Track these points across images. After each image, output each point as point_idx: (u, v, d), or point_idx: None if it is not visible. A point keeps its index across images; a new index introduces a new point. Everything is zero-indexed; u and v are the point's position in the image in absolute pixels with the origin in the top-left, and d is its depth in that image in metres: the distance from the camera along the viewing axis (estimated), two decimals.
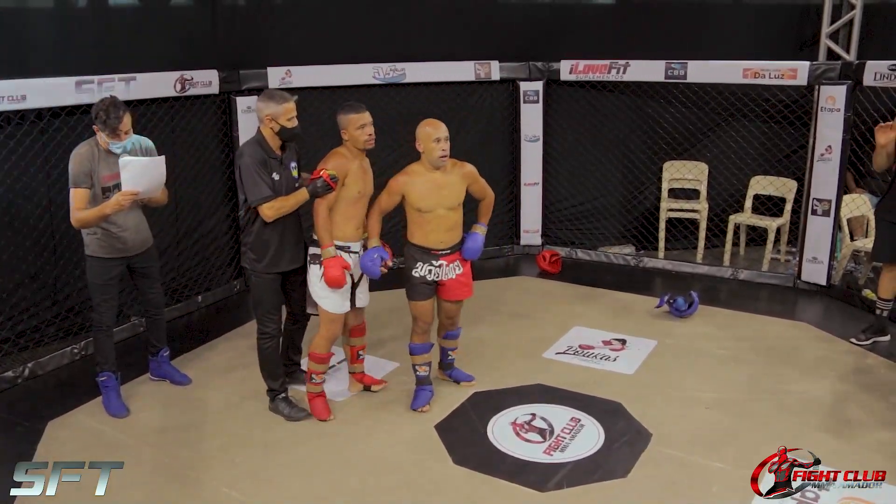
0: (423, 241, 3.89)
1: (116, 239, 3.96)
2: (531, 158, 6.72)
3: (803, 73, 5.59)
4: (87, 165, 3.79)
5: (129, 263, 4.11)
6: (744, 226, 6.63)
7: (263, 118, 3.70)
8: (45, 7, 4.95)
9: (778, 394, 4.20)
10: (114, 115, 3.73)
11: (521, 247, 6.94)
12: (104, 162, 3.83)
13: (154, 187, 3.84)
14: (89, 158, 3.80)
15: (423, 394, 4.11)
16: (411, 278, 3.94)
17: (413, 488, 3.40)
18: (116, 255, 4.00)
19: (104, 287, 4.01)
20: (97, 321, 4.07)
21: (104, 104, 3.76)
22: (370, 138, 3.76)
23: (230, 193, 5.94)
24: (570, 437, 3.77)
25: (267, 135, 3.73)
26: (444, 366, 4.40)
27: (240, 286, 6.06)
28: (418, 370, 4.11)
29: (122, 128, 3.78)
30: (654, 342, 4.90)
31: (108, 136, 3.78)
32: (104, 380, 4.10)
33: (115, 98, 3.85)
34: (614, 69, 6.28)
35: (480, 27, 6.47)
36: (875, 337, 4.83)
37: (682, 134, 6.52)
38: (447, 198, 3.85)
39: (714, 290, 5.94)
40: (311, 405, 4.02)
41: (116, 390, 4.13)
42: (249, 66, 5.80)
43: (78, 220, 3.79)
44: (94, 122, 3.79)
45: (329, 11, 6.12)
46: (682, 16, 6.53)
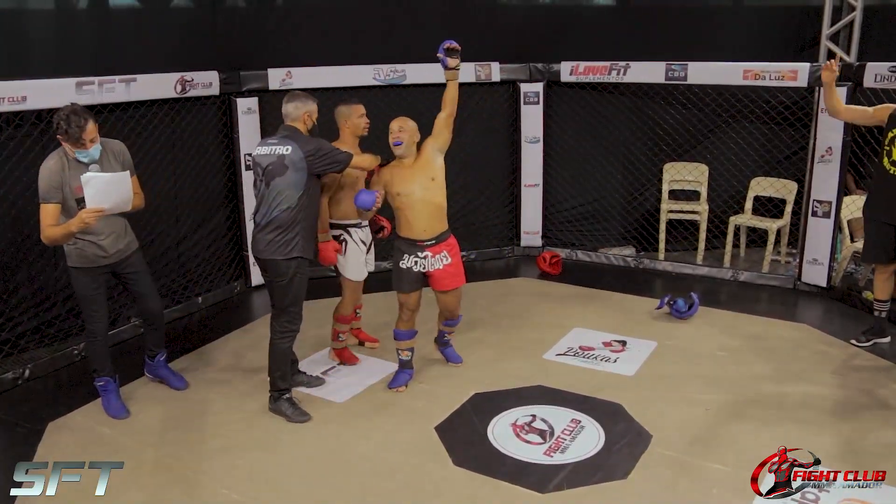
0: (408, 233, 4.10)
1: (96, 247, 3.83)
2: (531, 160, 6.73)
3: (804, 75, 5.59)
4: (57, 179, 3.63)
5: (113, 271, 4.00)
6: (744, 227, 6.63)
7: (301, 115, 3.98)
8: (45, 8, 4.96)
9: (778, 395, 4.20)
10: (75, 124, 3.56)
11: (522, 248, 6.94)
12: (74, 171, 3.64)
13: (121, 202, 3.65)
14: (58, 171, 3.64)
15: (401, 375, 4.37)
16: (398, 269, 4.19)
17: (413, 490, 3.40)
18: (98, 263, 3.88)
19: (91, 298, 3.92)
20: (89, 331, 4.01)
21: (64, 113, 3.57)
22: (367, 125, 4.41)
23: (230, 195, 5.94)
24: (571, 439, 3.77)
25: (301, 130, 4.01)
26: (441, 342, 4.67)
27: (240, 287, 6.06)
28: (401, 354, 4.36)
29: (86, 136, 3.61)
30: (655, 343, 4.90)
31: (73, 146, 3.61)
32: (102, 384, 4.09)
33: (77, 105, 3.65)
34: (614, 70, 6.28)
35: (481, 28, 6.48)
36: (875, 338, 4.82)
37: (682, 135, 6.52)
38: (422, 171, 4.06)
39: (714, 292, 5.94)
40: (342, 357, 4.67)
41: (116, 392, 4.11)
42: (250, 68, 5.81)
43: (47, 238, 3.66)
44: (56, 133, 3.60)
45: (329, 13, 6.13)
46: (682, 17, 6.54)
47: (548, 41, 6.58)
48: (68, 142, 3.60)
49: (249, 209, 5.92)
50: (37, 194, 3.64)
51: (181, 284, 5.63)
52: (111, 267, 3.96)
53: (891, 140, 4.38)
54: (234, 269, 6.06)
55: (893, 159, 4.38)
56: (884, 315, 4.82)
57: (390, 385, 4.33)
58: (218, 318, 5.58)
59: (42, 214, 3.64)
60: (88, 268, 3.87)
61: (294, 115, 3.97)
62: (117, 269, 3.99)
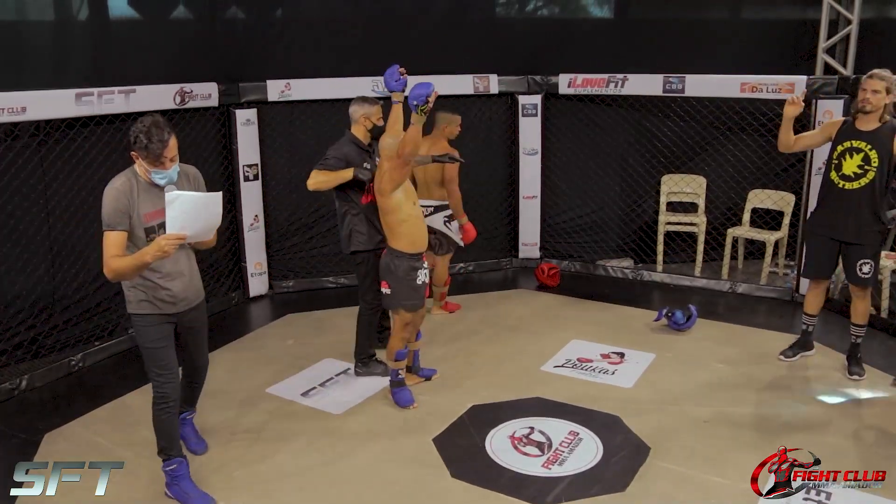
0: (412, 248, 4.13)
1: (162, 290, 3.21)
2: (530, 172, 6.74)
3: (800, 88, 5.61)
4: (125, 202, 3.07)
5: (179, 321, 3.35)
6: (742, 239, 6.64)
7: (358, 117, 4.40)
8: (45, 20, 4.97)
9: (777, 407, 4.20)
10: (157, 139, 3.00)
11: (520, 260, 6.94)
12: (145, 195, 3.11)
13: (206, 229, 3.09)
14: (127, 193, 3.08)
15: (407, 392, 4.30)
16: (415, 286, 4.17)
17: (411, 502, 3.39)
18: (165, 310, 3.25)
19: (157, 352, 3.27)
20: (157, 396, 3.31)
21: (145, 125, 3.02)
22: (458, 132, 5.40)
23: (229, 206, 5.94)
24: (569, 451, 3.76)
25: (359, 133, 4.43)
26: (416, 369, 4.59)
27: (237, 298, 6.06)
28: (400, 373, 4.30)
29: (168, 154, 3.06)
30: (653, 356, 4.90)
31: (150, 165, 3.06)
32: (173, 469, 3.38)
33: (158, 118, 3.08)
34: (612, 83, 6.31)
35: (479, 41, 6.51)
36: (801, 352, 4.84)
37: (680, 147, 6.54)
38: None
39: (712, 304, 5.94)
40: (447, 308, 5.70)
41: (188, 478, 3.40)
42: (249, 79, 5.83)
43: (112, 271, 3.04)
44: (132, 148, 3.06)
45: (328, 25, 6.16)
46: (680, 30, 6.58)
47: (546, 54, 6.61)
48: (147, 159, 3.04)
49: (248, 220, 5.93)
50: (36, 205, 3.47)
51: None
52: (179, 317, 3.33)
53: (839, 154, 4.38)
54: (232, 279, 6.06)
55: (842, 173, 4.36)
56: (811, 329, 4.83)
57: (403, 404, 4.22)
58: (215, 329, 5.55)
59: (105, 244, 3.05)
60: (153, 314, 3.24)
61: (353, 117, 4.43)
62: (183, 320, 3.37)
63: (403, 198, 4.05)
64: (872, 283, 4.47)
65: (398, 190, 4.02)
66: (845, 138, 4.35)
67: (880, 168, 4.25)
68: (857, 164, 4.30)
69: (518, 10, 6.94)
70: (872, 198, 4.30)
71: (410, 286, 4.13)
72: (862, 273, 4.41)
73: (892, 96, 4.23)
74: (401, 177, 3.98)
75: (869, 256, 4.37)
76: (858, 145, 4.30)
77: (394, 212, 4.04)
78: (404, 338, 4.25)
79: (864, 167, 4.28)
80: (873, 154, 4.25)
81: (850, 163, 4.32)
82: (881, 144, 4.24)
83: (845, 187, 4.35)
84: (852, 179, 4.32)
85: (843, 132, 4.38)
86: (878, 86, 4.21)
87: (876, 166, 4.25)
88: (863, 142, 4.28)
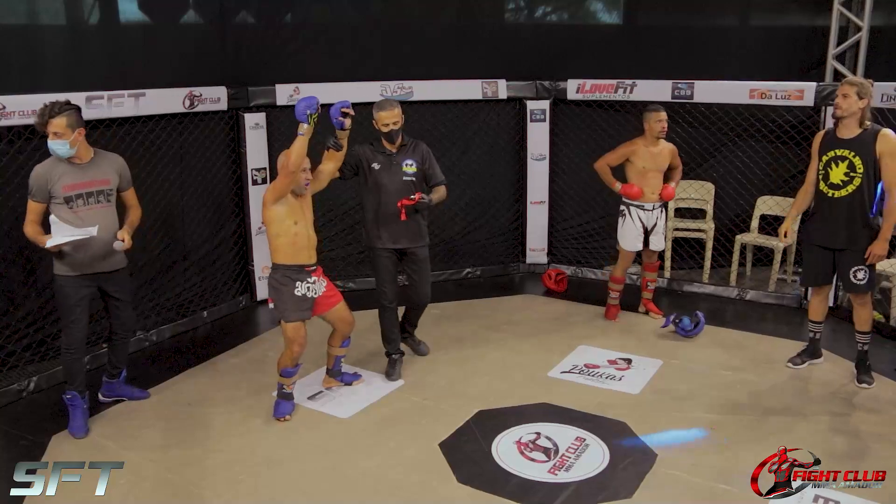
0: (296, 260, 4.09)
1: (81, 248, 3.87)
2: (537, 177, 6.74)
3: (810, 94, 5.60)
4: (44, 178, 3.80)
5: (100, 286, 4.03)
6: (750, 246, 6.61)
7: (373, 122, 4.49)
8: (56, 24, 5.00)
9: (783, 415, 4.18)
10: (43, 112, 3.75)
11: (527, 265, 6.94)
12: (64, 168, 3.83)
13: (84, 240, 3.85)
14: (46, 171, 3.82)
15: (288, 406, 4.23)
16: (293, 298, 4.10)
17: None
18: (84, 271, 3.92)
19: (71, 308, 3.93)
20: (64, 343, 4.00)
21: (50, 101, 3.78)
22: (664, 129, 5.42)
23: (237, 209, 5.96)
24: (575, 457, 3.75)
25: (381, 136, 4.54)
26: (335, 373, 4.59)
27: (245, 302, 6.07)
28: (286, 388, 4.22)
29: (49, 128, 3.74)
30: (660, 362, 4.88)
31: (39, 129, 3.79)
32: (69, 398, 4.04)
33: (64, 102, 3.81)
34: (621, 89, 6.30)
35: (488, 46, 6.52)
36: (810, 359, 4.81)
37: (688, 153, 6.51)
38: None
39: (720, 311, 5.92)
40: (608, 314, 5.70)
41: (82, 409, 4.05)
42: (258, 83, 5.85)
43: (26, 233, 3.87)
44: None
45: (337, 29, 6.18)
46: (688, 37, 6.57)
47: (555, 59, 6.61)
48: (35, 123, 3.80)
49: (256, 223, 5.94)
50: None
51: (187, 298, 5.64)
52: (97, 280, 4.01)
53: (825, 164, 4.37)
54: (240, 283, 6.07)
55: (830, 182, 4.35)
56: (818, 337, 4.80)
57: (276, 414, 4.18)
58: (223, 332, 5.59)
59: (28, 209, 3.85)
60: (73, 276, 3.91)
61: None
62: (104, 285, 4.05)
63: (285, 213, 3.98)
64: (868, 288, 4.45)
65: (279, 203, 3.96)
66: (829, 148, 4.37)
67: (866, 174, 4.25)
68: (843, 172, 4.31)
69: (527, 15, 6.94)
70: (862, 204, 4.30)
71: (290, 297, 4.06)
72: (856, 280, 4.40)
73: (866, 101, 4.23)
74: (284, 188, 3.94)
75: (862, 263, 4.36)
76: (842, 153, 4.31)
77: (270, 224, 4.01)
78: (292, 356, 4.11)
79: (850, 174, 4.29)
80: (857, 161, 4.26)
81: (836, 171, 4.34)
82: (864, 150, 4.25)
83: (834, 196, 4.36)
84: (840, 188, 4.33)
85: (826, 143, 4.41)
86: (849, 90, 4.22)
87: (861, 173, 4.26)
88: (846, 150, 4.30)
